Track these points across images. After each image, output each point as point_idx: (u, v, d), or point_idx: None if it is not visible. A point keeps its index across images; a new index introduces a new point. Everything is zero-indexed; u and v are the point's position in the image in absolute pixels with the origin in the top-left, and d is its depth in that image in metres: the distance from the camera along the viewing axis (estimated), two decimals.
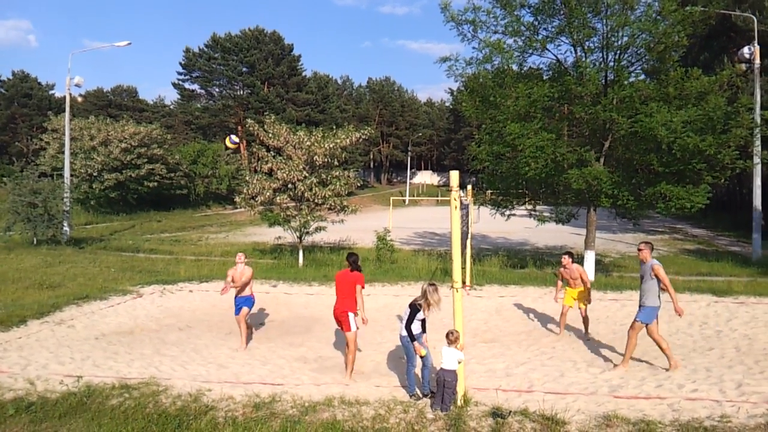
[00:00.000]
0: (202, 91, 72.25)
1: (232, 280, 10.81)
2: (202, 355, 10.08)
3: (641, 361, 9.76)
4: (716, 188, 40.86)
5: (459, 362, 7.30)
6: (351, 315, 8.81)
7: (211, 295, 14.93)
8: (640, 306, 9.12)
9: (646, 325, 9.02)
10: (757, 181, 24.96)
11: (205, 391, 7.77)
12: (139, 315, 13.18)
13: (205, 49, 69.22)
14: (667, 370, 9.06)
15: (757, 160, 20.15)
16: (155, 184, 46.58)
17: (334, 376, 8.84)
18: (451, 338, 7.36)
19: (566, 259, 12.06)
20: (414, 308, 7.76)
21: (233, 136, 18.43)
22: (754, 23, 25.81)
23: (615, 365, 9.35)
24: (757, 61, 24.89)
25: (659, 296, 8.96)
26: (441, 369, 7.26)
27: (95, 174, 43.94)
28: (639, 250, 9.28)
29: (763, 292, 15.18)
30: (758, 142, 18.41)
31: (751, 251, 24.68)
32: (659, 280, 8.86)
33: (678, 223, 45.41)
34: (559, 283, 12.23)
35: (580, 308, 11.83)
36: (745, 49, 25.22)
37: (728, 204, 52.86)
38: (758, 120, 18.54)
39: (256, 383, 8.29)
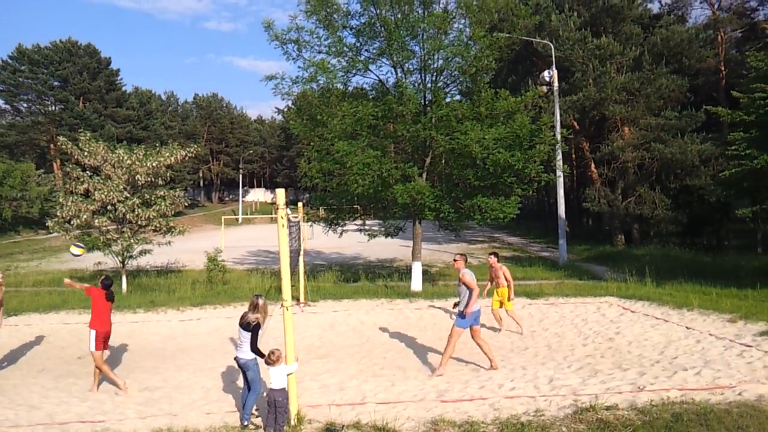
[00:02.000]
0: (7, 106, 65.58)
1: None
2: (9, 396, 9.11)
3: (467, 362, 10.37)
4: (527, 199, 44.50)
5: (290, 374, 7.23)
6: None
7: (21, 330, 13.56)
8: (459, 313, 9.73)
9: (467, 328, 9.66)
10: (561, 192, 27.60)
11: None
12: None
13: (10, 61, 62.93)
14: (488, 369, 9.77)
15: (559, 173, 22.35)
16: None
17: (162, 407, 8.42)
18: (273, 358, 7.22)
19: (492, 259, 12.74)
20: (257, 326, 7.60)
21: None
22: (552, 50, 28.62)
23: (432, 373, 9.83)
24: (556, 83, 27.63)
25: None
26: (270, 390, 7.13)
27: None
28: (454, 261, 10.04)
29: (569, 292, 16.75)
30: (559, 157, 20.39)
31: (559, 256, 27.16)
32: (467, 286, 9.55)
33: (496, 232, 48.76)
34: (488, 284, 12.99)
35: (506, 310, 12.68)
36: (546, 73, 27.95)
37: (538, 213, 57.92)
38: (558, 137, 20.57)
39: (74, 422, 7.65)
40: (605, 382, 8.69)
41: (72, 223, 19.51)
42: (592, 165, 36.47)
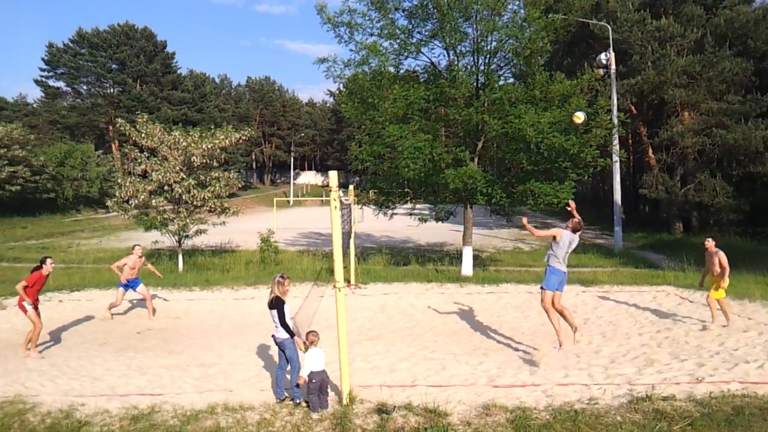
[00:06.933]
0: (69, 88, 67.72)
1: None
2: (74, 368, 9.49)
3: (517, 350, 10.28)
4: (581, 185, 43.59)
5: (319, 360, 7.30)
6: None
7: (83, 305, 14.10)
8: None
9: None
10: (617, 178, 26.98)
11: (78, 406, 7.31)
12: (2, 328, 12.21)
13: (71, 45, 64.97)
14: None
15: (615, 158, 21.76)
16: (18, 188, 42.92)
17: (218, 383, 8.62)
18: (312, 338, 7.39)
19: (709, 243, 11.49)
20: (279, 302, 7.64)
21: None
22: (609, 32, 27.83)
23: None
24: (613, 66, 26.89)
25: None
26: (313, 372, 7.15)
27: None
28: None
29: (624, 281, 16.41)
30: (616, 142, 19.87)
31: (614, 243, 26.60)
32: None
33: (548, 218, 47.89)
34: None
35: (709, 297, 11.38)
36: (602, 56, 27.20)
37: (593, 200, 56.80)
38: (615, 121, 20.00)
39: (134, 395, 7.91)
40: (662, 372, 8.49)
41: (130, 202, 20.08)
42: (650, 150, 35.43)
